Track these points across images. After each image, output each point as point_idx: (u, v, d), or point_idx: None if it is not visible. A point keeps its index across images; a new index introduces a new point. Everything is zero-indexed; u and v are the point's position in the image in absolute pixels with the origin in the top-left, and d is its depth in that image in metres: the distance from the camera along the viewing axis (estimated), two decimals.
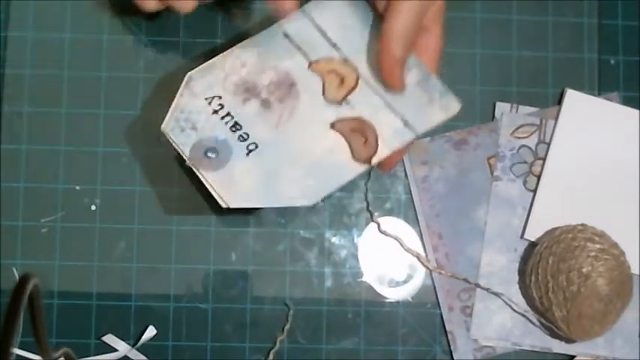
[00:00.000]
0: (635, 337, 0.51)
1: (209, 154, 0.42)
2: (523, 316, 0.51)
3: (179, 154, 0.42)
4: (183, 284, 0.50)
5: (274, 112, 0.43)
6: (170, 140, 0.42)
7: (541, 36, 0.53)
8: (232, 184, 0.42)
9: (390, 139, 0.43)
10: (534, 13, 0.53)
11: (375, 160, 0.43)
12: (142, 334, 0.49)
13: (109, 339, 0.49)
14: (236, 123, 0.43)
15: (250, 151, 0.42)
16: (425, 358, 0.51)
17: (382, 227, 0.51)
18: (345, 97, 0.43)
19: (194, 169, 0.42)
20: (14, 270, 0.50)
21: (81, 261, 0.50)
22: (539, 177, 0.52)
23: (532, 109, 0.52)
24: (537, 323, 0.50)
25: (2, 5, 0.51)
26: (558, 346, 0.51)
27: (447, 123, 0.52)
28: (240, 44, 0.43)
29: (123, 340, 0.49)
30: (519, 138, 0.52)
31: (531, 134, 0.52)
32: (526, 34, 0.53)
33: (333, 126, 0.43)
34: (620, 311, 0.48)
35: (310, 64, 0.43)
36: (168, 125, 0.42)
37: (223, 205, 0.42)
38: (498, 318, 0.51)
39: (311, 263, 0.51)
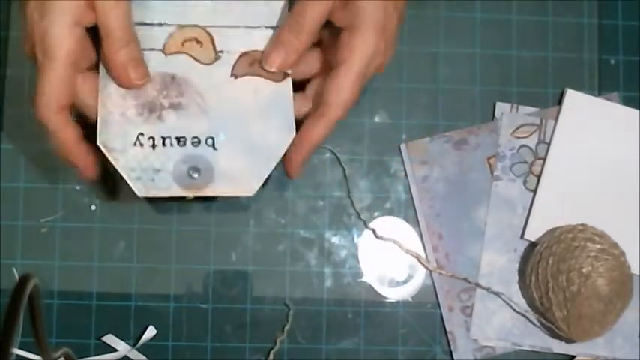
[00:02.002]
0: (635, 337, 0.51)
1: (193, 175, 0.42)
2: (523, 316, 0.51)
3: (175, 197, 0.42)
4: (183, 284, 0.50)
5: (189, 105, 0.43)
6: (156, 196, 0.42)
7: (541, 36, 0.53)
8: (236, 178, 0.42)
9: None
10: (534, 13, 0.53)
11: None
12: (142, 334, 0.49)
13: (109, 339, 0.49)
14: (177, 138, 0.43)
15: (213, 144, 0.43)
16: (425, 358, 0.51)
17: (379, 232, 0.51)
18: (215, 51, 0.44)
19: (201, 195, 0.42)
20: (14, 270, 0.50)
21: (81, 261, 0.50)
22: (539, 177, 0.52)
23: (532, 109, 0.52)
24: (537, 323, 0.50)
25: (2, 5, 0.51)
26: (558, 346, 0.51)
27: (447, 123, 0.52)
28: (99, 86, 0.43)
29: (123, 340, 0.49)
30: (519, 138, 0.52)
31: (531, 134, 0.52)
32: (526, 34, 0.53)
33: (235, 76, 0.44)
34: (620, 311, 0.48)
35: (164, 53, 0.44)
36: (138, 189, 0.42)
37: (251, 194, 0.43)
38: (498, 318, 0.51)
39: (311, 263, 0.51)
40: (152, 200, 0.50)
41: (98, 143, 0.42)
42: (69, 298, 0.50)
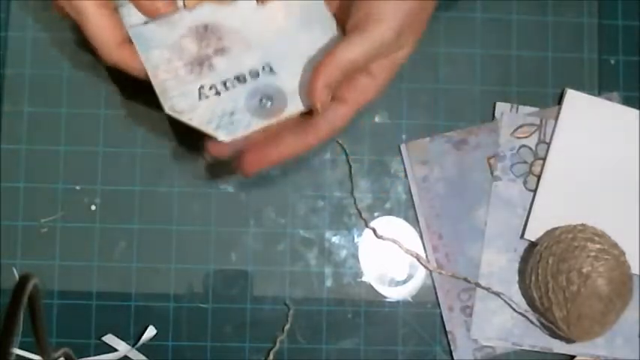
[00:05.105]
0: (635, 337, 0.51)
1: (267, 104, 0.42)
2: (523, 316, 0.51)
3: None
4: (183, 284, 0.50)
5: (233, 45, 0.43)
6: (242, 135, 0.42)
7: (541, 36, 0.53)
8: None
9: None
10: (534, 13, 0.53)
11: None
12: (142, 334, 0.49)
13: (109, 339, 0.49)
14: (236, 77, 0.43)
15: (271, 69, 0.43)
16: (425, 358, 0.51)
17: (379, 232, 0.51)
18: None
19: (284, 119, 0.42)
20: (14, 270, 0.50)
21: (81, 261, 0.50)
22: (539, 177, 0.52)
23: (532, 109, 0.52)
24: (537, 323, 0.50)
25: (2, 5, 0.51)
26: (558, 346, 0.51)
27: (447, 123, 0.52)
28: (143, 61, 0.43)
29: (123, 340, 0.49)
30: (519, 138, 0.52)
31: (531, 134, 0.52)
32: (526, 34, 0.53)
33: (262, 1, 0.44)
34: (620, 311, 0.48)
35: (187, 9, 0.44)
36: (222, 136, 0.42)
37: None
38: (498, 318, 0.51)
39: (311, 263, 0.51)
40: (152, 200, 0.50)
41: (167, 111, 0.42)
42: (69, 298, 0.50)
